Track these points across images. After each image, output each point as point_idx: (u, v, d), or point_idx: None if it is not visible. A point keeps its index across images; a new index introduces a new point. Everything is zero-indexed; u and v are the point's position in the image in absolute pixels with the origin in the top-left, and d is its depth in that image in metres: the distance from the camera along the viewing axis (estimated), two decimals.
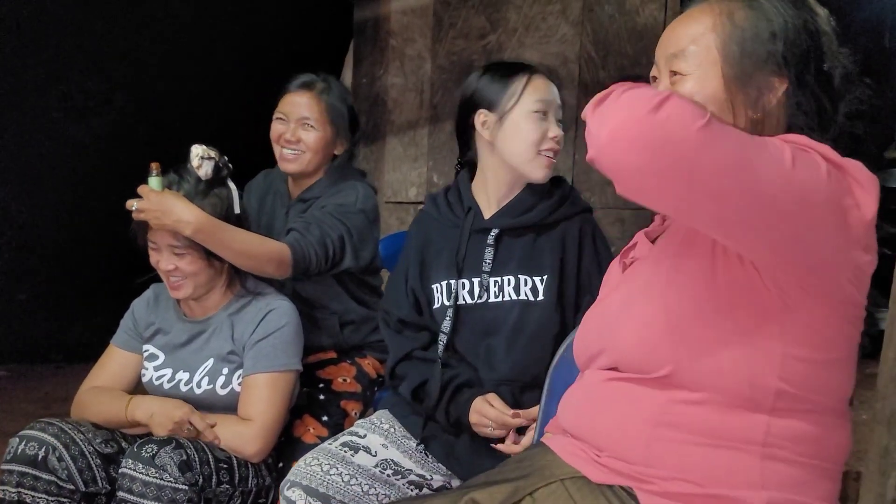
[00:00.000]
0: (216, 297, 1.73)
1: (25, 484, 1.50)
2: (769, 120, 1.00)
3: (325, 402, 1.86)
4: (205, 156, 1.65)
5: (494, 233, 1.52)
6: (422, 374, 1.53)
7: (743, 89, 0.97)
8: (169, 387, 1.70)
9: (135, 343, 1.77)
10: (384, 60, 3.17)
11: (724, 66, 0.97)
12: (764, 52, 0.97)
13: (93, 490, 1.57)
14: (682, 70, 1.00)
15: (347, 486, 1.41)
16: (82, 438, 1.57)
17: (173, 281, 1.65)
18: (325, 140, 1.91)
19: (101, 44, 4.13)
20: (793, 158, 0.87)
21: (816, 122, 0.99)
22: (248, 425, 1.61)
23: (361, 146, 3.32)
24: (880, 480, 1.63)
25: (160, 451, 1.44)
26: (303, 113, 1.89)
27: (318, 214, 1.82)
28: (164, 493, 1.42)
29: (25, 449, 1.52)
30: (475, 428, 1.45)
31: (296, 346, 1.71)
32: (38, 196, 4.19)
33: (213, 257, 1.65)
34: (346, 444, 1.49)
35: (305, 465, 1.43)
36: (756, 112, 0.98)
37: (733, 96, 0.97)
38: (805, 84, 0.98)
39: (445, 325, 1.52)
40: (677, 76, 1.01)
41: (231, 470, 1.56)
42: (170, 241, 1.62)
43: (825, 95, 1.00)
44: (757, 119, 0.98)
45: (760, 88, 0.97)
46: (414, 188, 3.22)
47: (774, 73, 0.98)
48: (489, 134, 1.50)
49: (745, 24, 0.98)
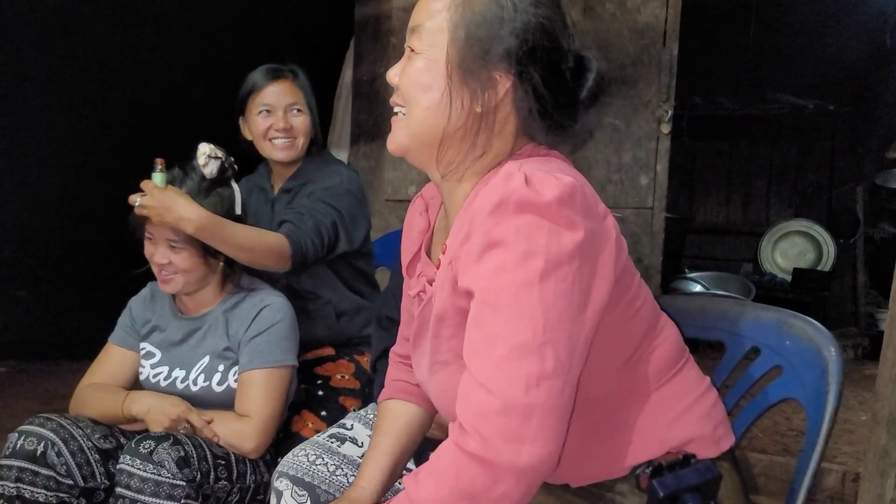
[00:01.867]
0: (210, 293, 1.73)
1: (25, 479, 1.50)
2: (499, 114, 0.95)
3: (324, 399, 1.87)
4: (212, 154, 1.65)
5: None
6: None
7: (467, 79, 0.92)
8: (165, 384, 1.70)
9: (132, 341, 1.78)
10: (385, 58, 3.16)
11: (450, 49, 0.93)
12: (488, 43, 0.92)
13: (92, 485, 1.57)
14: (416, 47, 0.95)
15: (333, 476, 1.42)
16: (81, 434, 1.57)
17: (164, 275, 1.65)
18: (312, 123, 1.96)
19: (100, 41, 4.13)
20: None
21: (542, 123, 0.95)
22: (246, 421, 1.61)
23: (361, 144, 3.33)
24: (879, 481, 1.63)
25: (158, 447, 1.44)
26: (289, 100, 1.93)
27: (307, 203, 1.83)
28: (161, 489, 1.42)
29: (24, 444, 1.52)
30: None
31: (291, 341, 1.71)
32: (37, 193, 4.19)
33: (208, 255, 1.65)
34: (333, 435, 1.50)
35: (293, 456, 1.44)
36: (481, 105, 0.93)
37: (458, 84, 0.92)
38: (532, 84, 0.93)
39: None
40: (413, 53, 0.96)
41: (229, 466, 1.56)
42: (168, 236, 1.62)
43: (557, 96, 0.94)
44: (482, 114, 0.93)
45: (483, 81, 0.92)
46: (414, 186, 3.22)
47: (500, 69, 0.92)
48: None
49: (480, 10, 0.92)
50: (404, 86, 0.97)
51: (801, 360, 1.12)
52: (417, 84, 0.95)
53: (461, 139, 0.96)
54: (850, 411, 2.56)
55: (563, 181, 0.86)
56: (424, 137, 0.96)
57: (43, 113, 4.12)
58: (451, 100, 0.92)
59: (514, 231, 0.85)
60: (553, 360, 0.84)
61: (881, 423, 1.62)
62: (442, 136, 0.95)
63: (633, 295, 0.98)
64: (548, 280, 0.84)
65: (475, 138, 0.95)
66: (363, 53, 3.31)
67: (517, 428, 0.82)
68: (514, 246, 0.85)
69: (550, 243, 0.84)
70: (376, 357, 1.63)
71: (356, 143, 3.41)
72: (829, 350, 1.09)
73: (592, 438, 0.98)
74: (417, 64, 0.95)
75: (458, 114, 0.93)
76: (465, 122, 0.94)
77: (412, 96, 0.96)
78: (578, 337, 0.87)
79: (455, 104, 0.93)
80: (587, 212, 0.88)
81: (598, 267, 0.89)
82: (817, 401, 1.06)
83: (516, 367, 0.83)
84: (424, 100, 0.94)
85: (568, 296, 0.85)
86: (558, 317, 0.84)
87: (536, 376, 0.83)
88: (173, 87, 4.29)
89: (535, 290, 0.84)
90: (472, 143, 0.96)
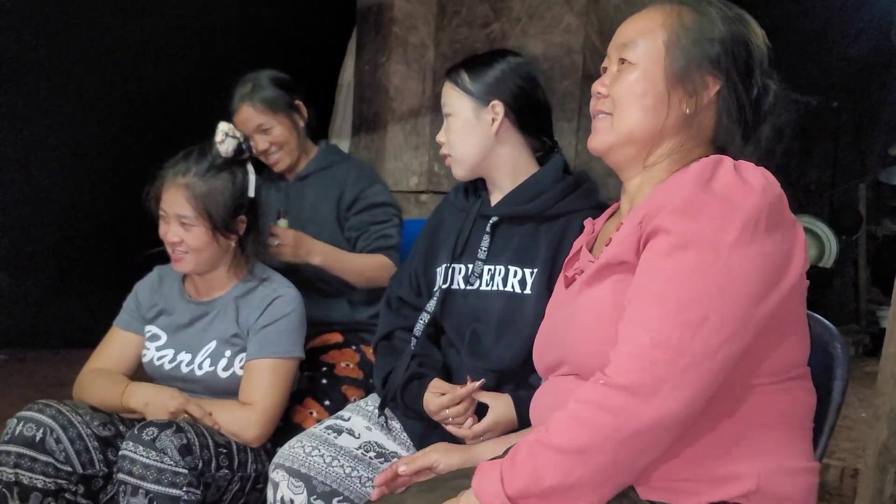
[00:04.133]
0: (221, 276, 1.73)
1: (23, 465, 1.50)
2: (700, 118, 1.08)
3: (327, 387, 1.87)
4: (230, 133, 1.69)
5: (493, 220, 1.52)
6: (392, 362, 1.53)
7: (681, 83, 1.06)
8: (170, 367, 1.70)
9: (137, 324, 1.77)
10: (387, 48, 3.14)
11: (667, 59, 1.07)
12: (703, 53, 1.06)
13: (90, 472, 1.57)
14: (631, 59, 1.09)
15: (329, 467, 1.42)
16: (80, 420, 1.57)
17: (177, 253, 1.66)
18: (287, 130, 2.04)
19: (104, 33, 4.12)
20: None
21: (739, 128, 1.07)
22: (249, 410, 1.61)
23: (362, 134, 3.32)
24: (879, 476, 1.63)
25: (161, 434, 1.44)
26: (254, 122, 2.01)
27: (366, 217, 2.02)
28: (164, 476, 1.41)
29: (23, 430, 1.52)
30: (444, 426, 1.43)
31: (299, 333, 1.71)
32: (36, 183, 4.19)
33: (218, 233, 1.65)
34: (330, 426, 1.50)
35: (290, 448, 1.44)
36: (689, 107, 1.07)
37: (672, 88, 1.06)
38: (734, 90, 1.07)
39: (431, 304, 1.53)
40: (625, 64, 1.10)
41: (230, 455, 1.56)
42: (179, 211, 1.63)
43: (750, 105, 1.08)
44: (690, 115, 1.07)
45: (696, 85, 1.06)
46: (415, 177, 3.21)
47: (710, 73, 1.06)
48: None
49: (691, 25, 1.07)
50: (618, 93, 1.10)
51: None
52: (633, 92, 1.08)
53: (670, 137, 1.09)
54: (849, 408, 2.57)
55: (768, 175, 0.97)
56: (635, 137, 1.09)
57: (46, 104, 4.12)
58: (669, 103, 1.06)
59: (719, 198, 0.94)
60: (716, 321, 0.89)
61: (882, 418, 1.63)
62: (653, 136, 1.08)
63: (796, 319, 1.01)
64: (736, 252, 0.91)
65: (682, 137, 1.09)
66: (365, 44, 3.29)
67: (662, 369, 0.89)
68: (714, 209, 0.93)
69: (748, 221, 0.92)
70: (379, 338, 1.61)
71: (357, 134, 3.39)
72: (834, 346, 1.08)
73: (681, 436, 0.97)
74: (633, 74, 1.08)
75: (672, 115, 1.07)
76: (676, 123, 1.07)
77: (627, 102, 1.09)
78: (751, 314, 0.91)
79: (672, 107, 1.07)
80: (785, 205, 0.97)
81: (787, 259, 0.95)
82: (822, 398, 1.05)
83: (676, 315, 0.90)
84: (639, 104, 1.08)
85: (753, 273, 0.92)
86: (737, 289, 0.91)
87: (694, 327, 0.89)
88: (175, 77, 4.28)
89: (723, 256, 0.91)
90: (679, 142, 1.09)
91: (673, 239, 0.94)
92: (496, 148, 1.52)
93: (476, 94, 1.50)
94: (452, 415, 1.41)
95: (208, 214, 1.63)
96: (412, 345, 1.52)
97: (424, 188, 3.09)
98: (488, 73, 1.51)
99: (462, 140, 1.51)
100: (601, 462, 0.90)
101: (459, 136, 1.51)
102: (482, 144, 1.51)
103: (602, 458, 0.89)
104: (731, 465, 0.95)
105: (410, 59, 3.10)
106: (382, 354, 1.58)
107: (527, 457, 0.93)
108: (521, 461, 0.93)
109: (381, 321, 1.64)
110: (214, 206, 1.63)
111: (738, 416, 0.96)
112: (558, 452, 0.90)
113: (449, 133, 1.53)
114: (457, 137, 1.52)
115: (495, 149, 1.52)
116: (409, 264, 1.65)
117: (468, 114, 1.50)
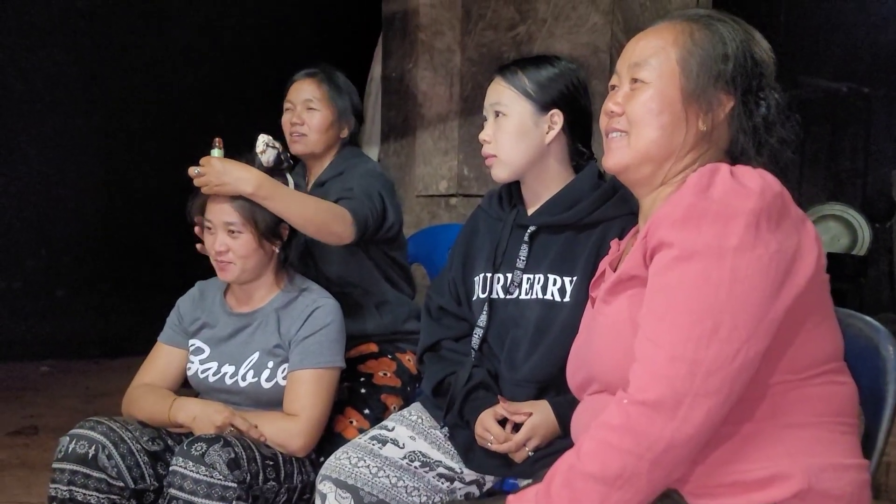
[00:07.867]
0: (264, 286, 1.75)
1: (77, 482, 1.53)
2: (715, 134, 1.08)
3: (366, 396, 1.88)
4: (269, 143, 1.72)
5: (531, 230, 1.51)
6: (443, 370, 1.53)
7: (696, 101, 1.06)
8: (214, 380, 1.72)
9: (180, 339, 1.80)
10: (413, 54, 3.15)
11: (681, 78, 1.07)
12: (717, 70, 1.06)
13: (142, 486, 1.60)
14: (644, 78, 1.09)
15: (375, 478, 1.42)
16: (130, 436, 1.59)
17: (223, 262, 1.68)
18: (329, 120, 2.02)
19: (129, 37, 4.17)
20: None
21: (753, 142, 1.07)
22: (294, 420, 1.63)
23: (391, 141, 3.33)
24: None
25: (209, 449, 1.46)
26: (305, 95, 2.01)
27: (349, 184, 1.90)
28: (214, 490, 1.44)
29: (76, 447, 1.54)
30: (478, 439, 1.44)
31: (340, 343, 1.73)
32: (73, 195, 4.26)
33: (265, 239, 1.68)
34: (374, 437, 1.51)
35: (336, 459, 1.45)
36: (705, 124, 1.07)
37: (688, 107, 1.06)
38: (747, 105, 1.07)
39: (482, 319, 1.52)
40: (638, 83, 1.10)
41: (277, 467, 1.58)
42: (226, 219, 1.65)
43: (761, 119, 1.08)
44: (705, 132, 1.07)
45: (711, 103, 1.06)
46: (445, 181, 3.21)
47: (724, 91, 1.06)
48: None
49: (703, 43, 1.07)
50: (633, 112, 1.10)
51: (857, 359, 1.09)
52: (648, 110, 1.08)
53: (686, 154, 1.09)
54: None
55: (766, 175, 0.98)
56: (651, 155, 1.10)
57: (77, 117, 4.19)
58: (686, 121, 1.07)
59: (718, 205, 0.94)
60: (729, 328, 0.90)
61: None
62: (669, 154, 1.09)
63: (822, 315, 1.01)
64: (741, 256, 0.91)
65: (697, 154, 1.09)
66: (391, 50, 3.30)
67: (681, 383, 0.89)
68: (714, 216, 0.94)
69: (749, 223, 0.92)
70: (424, 349, 1.61)
71: (386, 141, 3.40)
72: (886, 348, 1.07)
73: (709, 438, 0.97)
74: (647, 93, 1.09)
75: (689, 133, 1.08)
76: (692, 140, 1.08)
77: (643, 121, 1.09)
78: (763, 315, 0.91)
79: (689, 125, 1.07)
80: (788, 203, 0.97)
81: (796, 255, 0.95)
82: (875, 402, 1.04)
83: (689, 327, 0.90)
84: (656, 122, 1.08)
85: (760, 274, 0.92)
86: (746, 293, 0.91)
87: (707, 337, 0.89)
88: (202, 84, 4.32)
89: (728, 261, 0.91)
90: (693, 158, 1.09)
91: (676, 251, 0.94)
92: (544, 157, 1.50)
93: (536, 98, 1.46)
94: (490, 440, 1.42)
95: (254, 221, 1.66)
96: (473, 357, 1.51)
97: (454, 192, 3.09)
98: (547, 77, 1.47)
99: (513, 143, 1.47)
100: (637, 485, 0.91)
101: (511, 139, 1.47)
102: (533, 151, 1.48)
103: (637, 482, 0.91)
104: (772, 465, 0.95)
105: (437, 64, 3.10)
106: (431, 363, 1.58)
107: (562, 486, 0.94)
108: (557, 491, 0.94)
109: (423, 330, 1.64)
110: (260, 212, 1.66)
111: (759, 416, 0.96)
112: (594, 480, 0.92)
113: (499, 133, 1.48)
114: (507, 139, 1.47)
115: (543, 157, 1.50)
116: (447, 273, 1.65)
117: (525, 118, 1.47)
